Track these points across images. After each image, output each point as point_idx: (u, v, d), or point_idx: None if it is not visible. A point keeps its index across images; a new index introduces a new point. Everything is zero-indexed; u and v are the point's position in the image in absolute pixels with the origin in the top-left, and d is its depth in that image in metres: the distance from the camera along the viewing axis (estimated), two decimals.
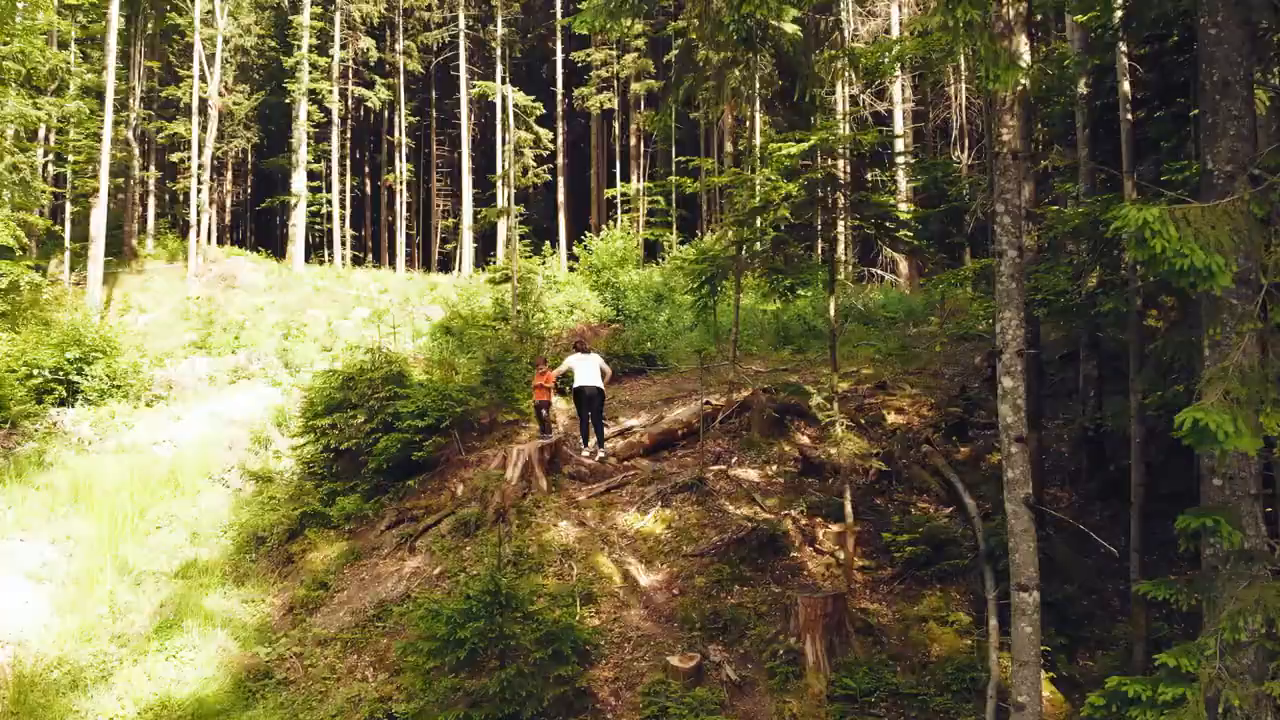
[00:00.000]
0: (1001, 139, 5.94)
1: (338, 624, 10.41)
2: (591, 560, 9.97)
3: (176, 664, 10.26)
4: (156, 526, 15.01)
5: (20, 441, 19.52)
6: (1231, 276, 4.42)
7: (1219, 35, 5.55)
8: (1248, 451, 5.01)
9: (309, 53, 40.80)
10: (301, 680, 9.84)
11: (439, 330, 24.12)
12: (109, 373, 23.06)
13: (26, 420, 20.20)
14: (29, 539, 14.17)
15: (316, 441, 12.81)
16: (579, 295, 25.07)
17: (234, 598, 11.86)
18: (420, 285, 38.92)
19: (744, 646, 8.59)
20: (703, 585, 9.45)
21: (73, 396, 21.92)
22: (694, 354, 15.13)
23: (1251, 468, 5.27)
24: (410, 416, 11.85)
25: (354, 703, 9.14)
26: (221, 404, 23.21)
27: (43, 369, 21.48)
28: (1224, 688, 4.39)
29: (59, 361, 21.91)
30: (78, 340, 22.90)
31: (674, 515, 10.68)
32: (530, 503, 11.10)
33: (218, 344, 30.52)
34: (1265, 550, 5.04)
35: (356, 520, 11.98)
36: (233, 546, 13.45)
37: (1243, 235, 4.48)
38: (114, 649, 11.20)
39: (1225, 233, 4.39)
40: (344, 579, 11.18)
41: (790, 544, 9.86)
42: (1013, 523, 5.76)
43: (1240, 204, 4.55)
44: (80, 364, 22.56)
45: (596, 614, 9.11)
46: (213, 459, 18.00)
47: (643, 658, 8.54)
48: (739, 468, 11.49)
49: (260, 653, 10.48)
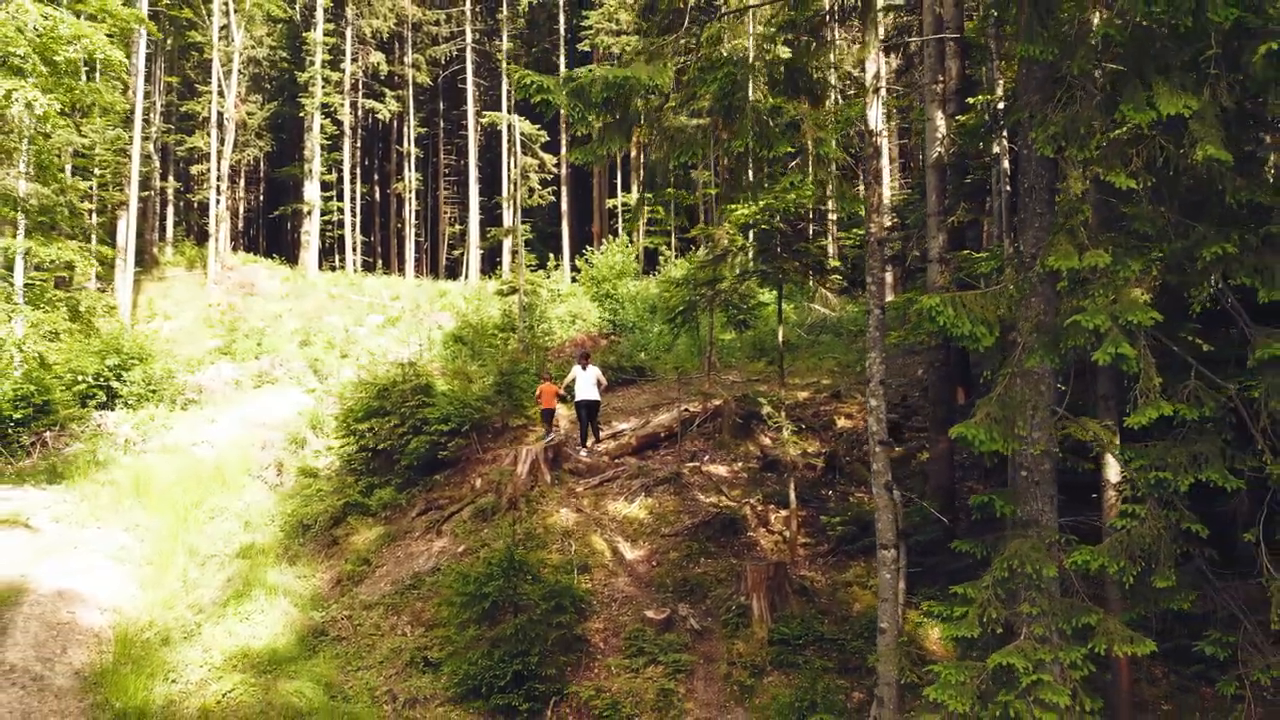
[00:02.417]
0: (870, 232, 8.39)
1: (379, 592, 13.00)
2: (587, 539, 12.53)
3: (249, 624, 12.83)
4: (211, 517, 17.62)
5: (69, 442, 22.13)
6: (994, 339, 6.90)
7: (1028, 155, 8.04)
8: (1042, 453, 7.53)
9: (322, 68, 43.33)
10: (351, 637, 12.42)
11: (451, 339, 26.62)
12: (145, 378, 25.55)
13: (73, 423, 22.77)
14: (104, 528, 16.78)
15: (356, 442, 15.39)
16: (580, 306, 27.60)
17: (288, 574, 14.44)
18: (429, 292, 41.42)
19: (705, 604, 11.14)
20: (675, 558, 12.01)
21: (112, 401, 24.43)
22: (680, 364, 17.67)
23: (1044, 464, 7.75)
24: (436, 421, 14.45)
25: (396, 652, 11.71)
26: (250, 407, 25.77)
27: (85, 375, 23.93)
28: (989, 607, 6.87)
29: (100, 369, 24.36)
30: (116, 349, 25.29)
31: (655, 503, 13.24)
32: (537, 493, 13.67)
33: (241, 350, 33.07)
34: (1041, 519, 7.53)
35: (391, 509, 14.58)
36: (282, 533, 16.03)
37: (1005, 309, 6.96)
38: (191, 615, 13.78)
39: (991, 310, 6.87)
40: (383, 557, 13.77)
41: (747, 525, 12.41)
42: (878, 501, 8.28)
43: (1003, 289, 7.03)
44: (119, 370, 25.04)
45: (590, 580, 11.68)
46: (250, 458, 20.61)
47: (626, 613, 11.10)
48: (710, 464, 14.05)
49: (315, 616, 13.06)
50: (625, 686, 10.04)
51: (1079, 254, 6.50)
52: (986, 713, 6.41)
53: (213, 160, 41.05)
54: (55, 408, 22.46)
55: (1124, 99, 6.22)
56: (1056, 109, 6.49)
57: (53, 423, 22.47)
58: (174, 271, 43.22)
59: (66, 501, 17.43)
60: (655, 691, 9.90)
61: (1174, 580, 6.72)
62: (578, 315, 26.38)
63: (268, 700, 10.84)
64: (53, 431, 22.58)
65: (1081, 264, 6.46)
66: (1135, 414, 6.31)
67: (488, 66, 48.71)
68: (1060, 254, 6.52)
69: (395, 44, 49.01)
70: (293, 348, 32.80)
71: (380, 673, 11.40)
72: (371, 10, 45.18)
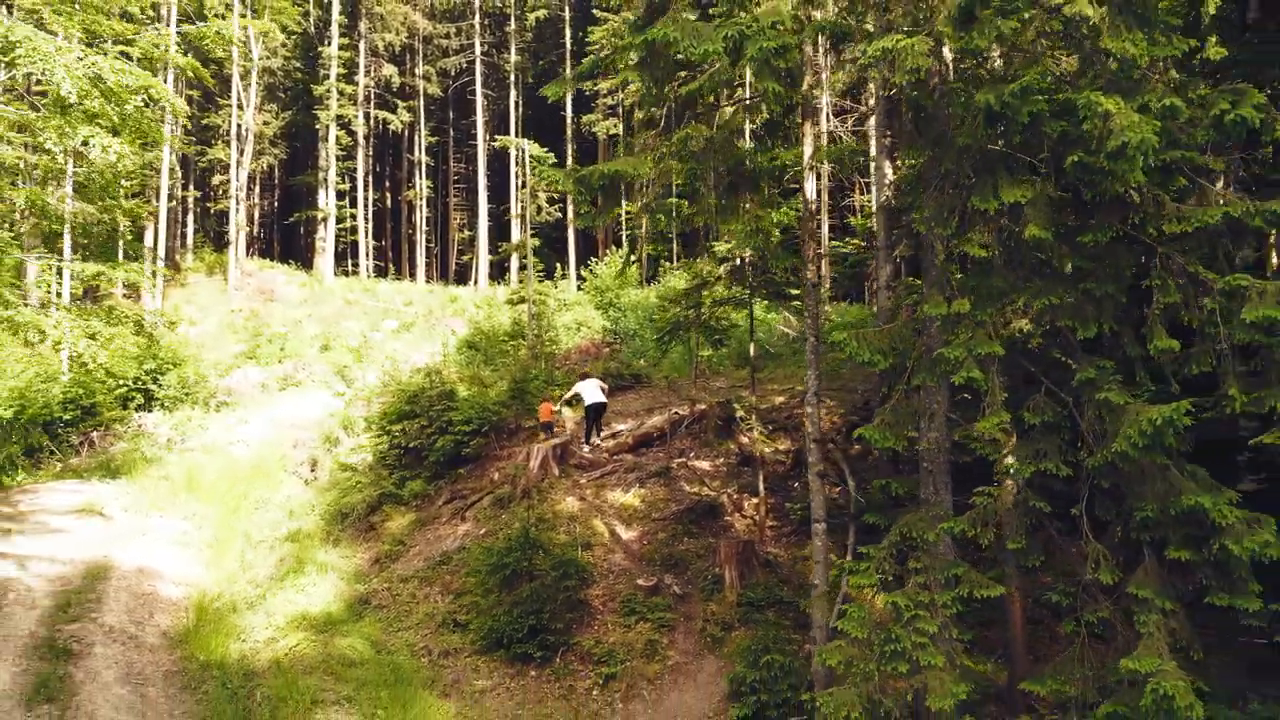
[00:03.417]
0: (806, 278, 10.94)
1: (413, 568, 15.63)
2: (589, 522, 15.14)
3: (305, 595, 15.46)
4: (257, 507, 20.30)
5: (113, 441, 24.82)
6: (888, 363, 9.43)
7: (929, 216, 10.60)
8: (936, 449, 10.11)
9: (336, 81, 46.02)
10: (391, 605, 15.04)
11: (465, 345, 29.25)
12: (180, 381, 28.20)
13: (117, 424, 25.43)
14: (165, 516, 19.46)
15: (389, 441, 18.04)
16: (585, 314, 30.24)
17: (333, 554, 17.08)
18: (441, 297, 44.10)
19: (687, 575, 13.75)
20: (663, 538, 14.61)
21: (150, 403, 27.06)
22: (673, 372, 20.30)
23: (939, 457, 10.31)
24: (459, 423, 17.11)
25: (430, 616, 14.34)
26: (278, 409, 28.43)
27: (125, 379, 26.53)
28: (884, 562, 9.43)
29: (138, 373, 26.96)
30: (154, 354, 27.90)
31: (647, 493, 15.85)
32: (546, 484, 16.28)
33: (265, 354, 35.73)
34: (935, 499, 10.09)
35: (421, 498, 17.23)
36: (323, 521, 18.68)
37: (898, 342, 9.51)
38: (250, 589, 16.43)
39: (884, 341, 9.42)
40: (415, 539, 16.41)
41: (725, 511, 15.00)
42: (811, 485, 10.87)
43: (897, 326, 9.57)
44: (155, 374, 27.67)
45: (591, 555, 14.29)
46: (284, 456, 23.30)
47: (621, 581, 13.72)
48: (695, 460, 16.64)
49: (360, 588, 15.70)
50: (620, 639, 12.67)
51: (948, 304, 9.07)
52: (877, 637, 8.98)
53: (233, 171, 43.76)
54: (100, 410, 25.07)
55: (975, 192, 8.79)
56: (929, 197, 9.06)
57: (98, 424, 25.10)
58: (195, 278, 45.91)
59: (129, 494, 20.12)
60: (644, 642, 12.53)
61: (1024, 543, 9.30)
62: (582, 323, 28.98)
63: (326, 653, 13.48)
64: (99, 431, 25.21)
65: (949, 311, 9.04)
66: (982, 420, 8.88)
67: (496, 78, 51.35)
68: (933, 303, 9.11)
69: (407, 56, 51.68)
70: (314, 352, 35.46)
71: (417, 632, 14.04)
72: (384, 24, 47.86)
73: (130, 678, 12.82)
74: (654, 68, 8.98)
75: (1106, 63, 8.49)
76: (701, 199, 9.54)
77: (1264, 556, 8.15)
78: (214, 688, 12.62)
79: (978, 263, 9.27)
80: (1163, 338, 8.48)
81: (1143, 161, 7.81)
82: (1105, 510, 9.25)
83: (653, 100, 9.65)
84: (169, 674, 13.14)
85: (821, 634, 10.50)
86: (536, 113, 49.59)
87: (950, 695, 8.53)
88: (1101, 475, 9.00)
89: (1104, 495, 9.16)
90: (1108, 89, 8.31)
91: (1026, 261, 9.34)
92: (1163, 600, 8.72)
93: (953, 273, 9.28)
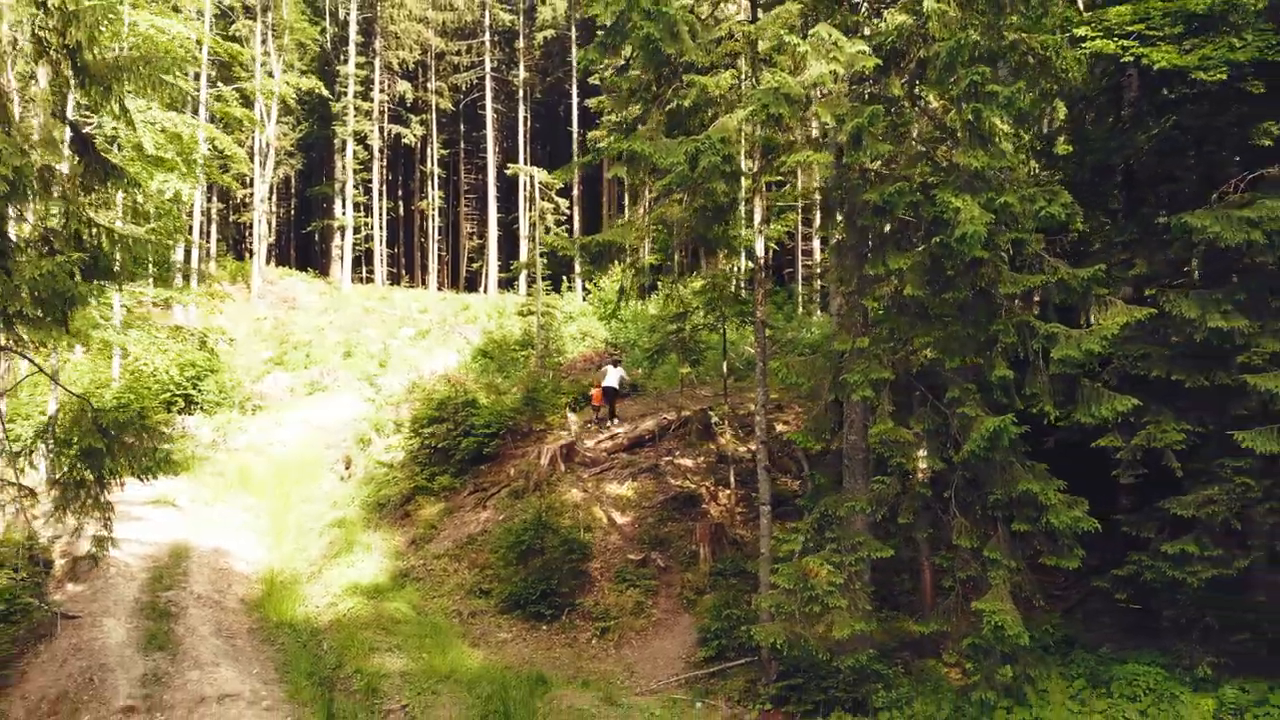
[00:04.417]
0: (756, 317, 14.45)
1: (444, 548, 19.24)
2: (590, 510, 18.73)
3: (354, 569, 19.07)
4: (302, 500, 23.97)
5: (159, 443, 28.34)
6: (810, 385, 12.92)
7: (835, 276, 14.12)
8: (854, 448, 13.67)
9: (353, 98, 49.68)
10: (427, 577, 18.65)
11: (479, 353, 32.76)
12: (218, 387, 31.71)
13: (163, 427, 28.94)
14: (226, 507, 23.13)
15: (421, 441, 21.64)
16: (589, 325, 33.80)
17: (374, 537, 20.70)
18: (454, 305, 47.74)
19: (670, 551, 17.33)
20: (651, 522, 18.19)
21: (190, 406, 30.60)
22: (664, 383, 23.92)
23: (859, 455, 13.84)
24: (481, 427, 20.70)
25: (460, 586, 17.95)
26: (309, 412, 32.03)
27: (169, 385, 30.02)
28: (808, 535, 12.95)
29: (180, 379, 30.44)
30: (193, 361, 31.34)
31: (639, 486, 19.43)
32: (555, 479, 19.87)
33: (292, 361, 39.30)
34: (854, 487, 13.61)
35: (449, 490, 20.84)
36: (363, 510, 22.31)
37: (815, 370, 13.02)
38: (307, 566, 20.09)
39: (807, 369, 12.93)
40: (444, 524, 20.03)
41: (703, 500, 18.56)
42: (760, 476, 14.40)
43: (821, 356, 13.05)
44: (195, 380, 31.16)
45: (591, 535, 17.88)
46: (320, 455, 26.95)
47: (616, 556, 17.31)
48: (680, 458, 20.20)
49: (399, 564, 19.31)
50: (614, 601, 16.28)
51: (852, 340, 12.62)
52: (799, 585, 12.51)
53: (256, 185, 47.47)
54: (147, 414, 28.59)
55: (869, 261, 12.33)
56: (836, 262, 12.61)
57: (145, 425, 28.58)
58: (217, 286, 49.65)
59: (192, 488, 23.79)
60: (633, 603, 16.14)
61: (912, 519, 12.84)
62: (587, 333, 32.53)
63: (377, 614, 17.09)
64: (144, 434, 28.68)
65: (853, 346, 12.58)
66: (874, 427, 12.41)
67: (506, 92, 54.96)
68: (841, 340, 12.66)
69: (420, 72, 55.31)
70: (337, 359, 39.07)
71: (450, 598, 17.65)
72: (399, 42, 51.52)
73: (220, 632, 16.47)
74: (634, 166, 12.53)
75: (960, 171, 12.01)
76: (671, 260, 13.11)
77: (1078, 528, 11.72)
78: (288, 640, 16.27)
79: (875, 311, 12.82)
80: (1002, 368, 12.02)
81: (979, 243, 11.34)
82: (969, 495, 12.79)
83: (638, 183, 13.20)
84: (250, 630, 16.79)
85: (765, 589, 14.06)
86: (544, 126, 53.21)
87: (849, 627, 12.08)
88: (965, 468, 12.54)
89: (966, 484, 12.70)
90: (962, 189, 11.83)
91: (908, 311, 12.89)
92: (1009, 560, 12.26)
93: (855, 318, 12.83)
